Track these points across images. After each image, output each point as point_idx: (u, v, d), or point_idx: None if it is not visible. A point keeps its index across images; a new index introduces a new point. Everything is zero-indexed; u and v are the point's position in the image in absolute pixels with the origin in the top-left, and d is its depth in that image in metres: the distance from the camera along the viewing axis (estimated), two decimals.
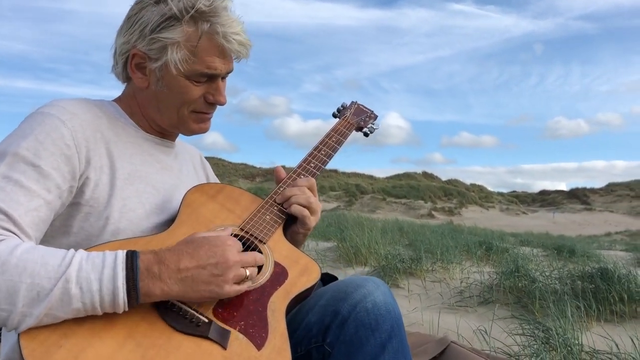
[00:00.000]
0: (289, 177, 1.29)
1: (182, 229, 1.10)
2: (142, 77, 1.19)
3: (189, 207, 1.16)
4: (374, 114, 1.50)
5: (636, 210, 57.66)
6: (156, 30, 1.13)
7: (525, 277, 4.03)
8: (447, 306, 3.86)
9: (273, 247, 1.16)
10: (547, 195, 73.15)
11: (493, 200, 61.29)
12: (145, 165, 1.20)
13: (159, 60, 1.15)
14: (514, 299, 3.78)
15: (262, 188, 56.37)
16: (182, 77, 1.16)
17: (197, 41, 1.13)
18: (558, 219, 50.14)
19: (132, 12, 1.17)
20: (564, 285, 3.78)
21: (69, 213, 1.08)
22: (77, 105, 1.13)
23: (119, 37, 1.20)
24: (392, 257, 4.75)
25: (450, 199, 55.62)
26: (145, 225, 1.13)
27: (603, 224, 46.33)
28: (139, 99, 1.23)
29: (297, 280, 1.12)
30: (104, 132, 1.14)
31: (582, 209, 58.42)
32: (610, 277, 3.75)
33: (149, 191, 1.17)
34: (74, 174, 1.06)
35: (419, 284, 4.27)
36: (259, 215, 1.20)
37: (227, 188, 1.26)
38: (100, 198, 1.09)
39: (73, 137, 1.07)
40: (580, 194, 70.56)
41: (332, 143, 1.37)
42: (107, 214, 1.09)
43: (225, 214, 1.19)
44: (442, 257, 4.84)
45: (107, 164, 1.12)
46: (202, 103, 1.21)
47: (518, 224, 41.26)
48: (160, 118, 1.23)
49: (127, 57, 1.18)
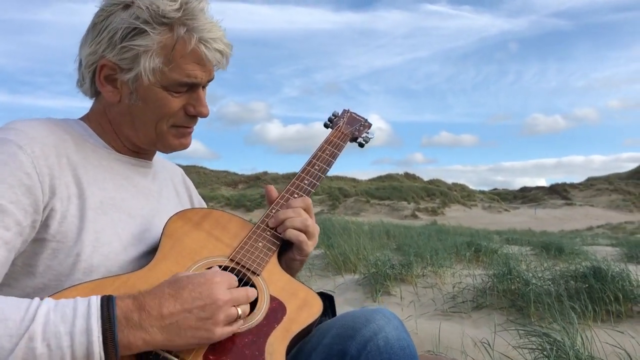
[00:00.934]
0: (281, 197, 1.17)
1: (164, 264, 0.98)
2: (113, 90, 1.06)
3: (171, 238, 1.03)
4: (367, 122, 1.40)
5: (615, 203, 58.52)
6: (127, 37, 1.01)
7: (518, 279, 3.97)
8: (441, 312, 3.78)
9: (268, 279, 1.04)
10: (528, 191, 73.86)
11: (475, 199, 61.67)
12: (120, 191, 1.07)
13: (131, 70, 1.02)
14: (508, 302, 3.72)
15: (245, 195, 56.08)
16: (158, 88, 1.04)
17: (173, 47, 1.01)
18: (540, 214, 50.64)
19: (98, 19, 1.04)
20: (557, 286, 3.72)
21: (33, 250, 0.94)
22: (38, 127, 1.00)
23: (83, 48, 1.07)
24: (382, 263, 4.66)
25: (433, 199, 55.83)
26: (122, 260, 1.00)
27: (584, 218, 46.90)
28: (110, 115, 1.10)
29: (297, 316, 0.99)
30: (71, 157, 1.01)
31: (563, 204, 59.07)
32: (603, 276, 3.71)
33: (124, 220, 1.04)
34: (36, 206, 0.92)
35: (411, 291, 4.19)
36: (250, 242, 1.08)
37: (214, 213, 1.13)
38: (68, 232, 0.95)
39: (34, 165, 0.93)
40: (560, 190, 71.39)
41: (326, 157, 1.26)
42: (78, 249, 0.95)
43: (212, 244, 1.06)
44: (433, 262, 4.76)
45: (75, 193, 0.98)
46: (182, 116, 1.09)
47: (501, 221, 41.57)
48: (135, 135, 1.10)
49: (95, 69, 1.05)
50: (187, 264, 0.99)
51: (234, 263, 1.03)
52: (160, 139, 1.10)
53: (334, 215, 34.19)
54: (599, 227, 35.56)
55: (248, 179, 79.67)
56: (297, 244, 1.12)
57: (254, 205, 48.42)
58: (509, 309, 3.64)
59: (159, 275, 0.92)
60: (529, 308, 3.51)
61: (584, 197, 65.62)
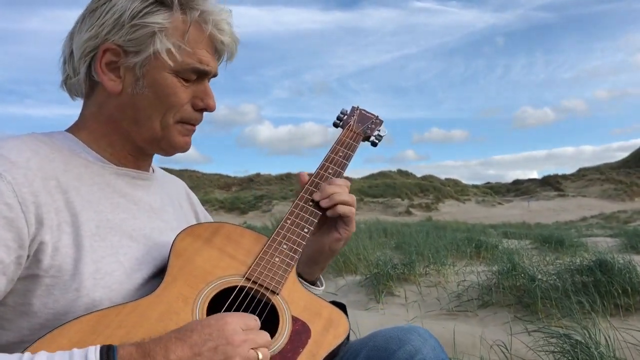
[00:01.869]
0: (295, 205, 1.09)
1: (174, 287, 0.89)
2: (115, 79, 0.95)
3: (180, 257, 0.93)
4: (378, 118, 1.31)
5: (607, 193, 58.76)
6: (138, 16, 0.92)
7: (523, 275, 3.92)
8: (446, 312, 3.71)
9: (288, 298, 0.95)
10: (521, 184, 74.04)
11: (468, 193, 61.77)
12: (118, 211, 0.96)
13: (140, 53, 0.93)
14: (514, 299, 3.65)
15: (239, 197, 55.90)
16: (169, 73, 0.95)
17: (186, 31, 0.94)
18: (533, 207, 50.74)
19: (98, 3, 0.95)
20: (563, 281, 3.66)
21: (25, 288, 0.84)
22: (19, 149, 0.87)
23: (78, 35, 0.95)
24: (383, 263, 4.59)
25: (426, 195, 55.84)
26: (126, 289, 0.89)
27: (577, 209, 47.07)
28: (107, 112, 0.98)
29: (323, 338, 0.90)
30: (60, 178, 0.89)
31: (556, 195, 59.22)
32: (610, 269, 3.65)
33: (125, 244, 0.93)
34: (21, 241, 0.81)
35: (415, 290, 4.12)
36: (266, 258, 0.99)
37: (225, 227, 1.04)
38: (63, 265, 0.84)
39: (15, 194, 0.81)
40: (552, 181, 71.62)
41: (340, 159, 1.17)
42: (77, 284, 0.84)
43: (226, 262, 0.97)
44: (435, 260, 4.70)
45: (67, 220, 0.87)
46: (189, 111, 1.00)
47: (495, 214, 41.66)
48: (137, 131, 0.99)
49: (93, 56, 0.95)
50: (200, 286, 0.90)
51: (250, 282, 0.95)
52: (165, 134, 1.00)
53: None
54: (592, 218, 35.68)
55: (241, 181, 79.34)
56: (348, 217, 1.07)
57: (248, 208, 48.26)
58: (515, 306, 3.58)
59: (170, 300, 0.84)
60: (536, 304, 3.45)
61: (576, 187, 65.86)
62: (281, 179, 77.26)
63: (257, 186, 72.32)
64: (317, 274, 1.17)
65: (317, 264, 1.14)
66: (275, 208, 46.20)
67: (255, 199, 52.90)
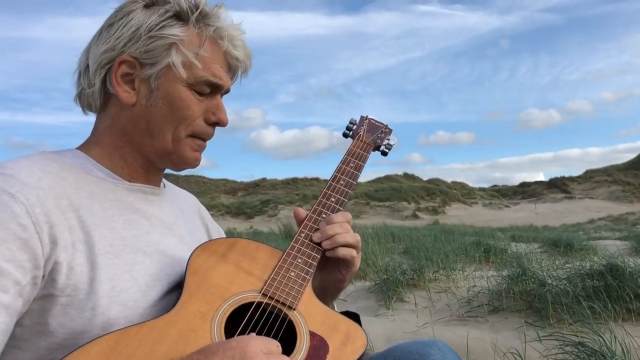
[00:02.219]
0: (308, 218, 1.09)
1: (192, 305, 0.88)
2: (130, 91, 0.97)
3: (196, 274, 0.93)
4: (388, 127, 1.30)
5: (615, 195, 58.51)
6: (155, 29, 0.94)
7: (533, 279, 3.90)
8: (457, 317, 3.70)
9: (305, 313, 0.95)
10: (528, 186, 73.83)
11: (475, 196, 61.65)
12: (131, 227, 0.96)
13: (156, 64, 0.95)
14: (524, 304, 3.64)
15: (245, 202, 56.00)
16: (183, 85, 0.96)
17: (201, 45, 0.96)
18: (540, 209, 50.59)
19: (115, 18, 0.97)
20: (574, 286, 3.64)
21: (41, 308, 0.83)
22: (30, 169, 0.88)
23: (95, 48, 0.97)
24: (392, 269, 4.58)
25: (433, 199, 55.76)
26: (142, 307, 0.89)
27: (585, 211, 46.85)
28: (120, 124, 1.00)
29: (341, 352, 0.90)
30: (72, 197, 0.89)
31: (563, 197, 59.03)
32: (621, 274, 3.64)
33: (139, 260, 0.93)
34: (36, 261, 0.81)
35: (424, 296, 4.11)
36: (282, 273, 0.99)
37: (240, 243, 1.03)
38: (79, 284, 0.84)
39: (29, 214, 0.82)
40: (559, 183, 71.36)
41: (351, 170, 1.17)
42: (92, 303, 0.84)
43: (242, 277, 0.96)
44: (444, 265, 4.69)
45: (80, 238, 0.87)
46: (202, 125, 1.01)
47: (502, 217, 41.52)
48: (149, 143, 1.00)
49: (109, 68, 0.96)
50: (217, 303, 0.90)
51: (267, 298, 0.94)
52: (175, 148, 1.00)
53: None
54: (600, 220, 35.50)
55: (247, 186, 79.56)
56: (349, 261, 1.05)
57: (254, 213, 48.35)
58: (526, 311, 3.57)
59: (188, 318, 0.84)
60: (547, 310, 3.43)
61: (583, 189, 65.59)
62: (287, 184, 77.41)
63: (263, 191, 72.44)
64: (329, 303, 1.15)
65: (325, 296, 1.12)
66: (282, 213, 46.27)
67: (261, 204, 53.01)
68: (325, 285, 1.10)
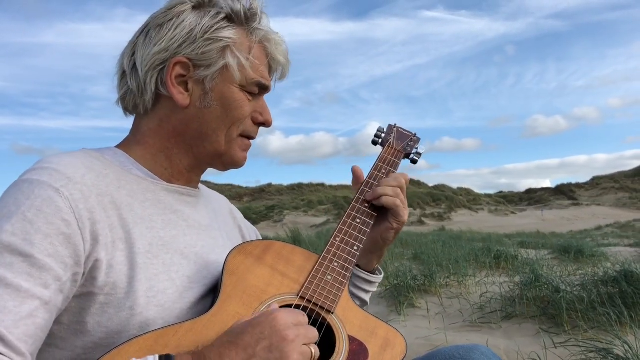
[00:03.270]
0: (343, 222, 1.08)
1: (230, 306, 0.87)
2: (184, 92, 0.96)
3: (233, 276, 0.92)
4: (416, 136, 1.31)
5: (622, 201, 58.25)
6: (210, 31, 0.94)
7: (546, 286, 3.87)
8: (470, 324, 3.67)
9: (343, 317, 0.94)
10: (534, 193, 73.54)
11: (481, 203, 61.47)
12: (169, 228, 0.95)
13: (211, 66, 0.95)
14: (538, 311, 3.60)
15: (250, 207, 56.03)
16: (237, 87, 0.97)
17: (252, 47, 0.98)
18: (547, 216, 50.38)
19: (165, 19, 0.96)
20: (588, 292, 3.60)
21: (80, 306, 0.83)
22: (74, 165, 0.87)
23: (143, 49, 0.96)
24: (403, 274, 4.55)
25: (438, 205, 55.63)
26: (179, 308, 0.88)
27: (592, 217, 46.63)
28: (171, 126, 0.99)
29: (381, 358, 0.89)
30: (114, 195, 0.89)
31: (570, 204, 58.78)
32: (636, 280, 3.60)
33: (177, 261, 0.92)
34: (77, 257, 0.80)
35: (436, 302, 4.08)
36: (319, 276, 0.98)
37: (275, 245, 1.02)
38: (118, 283, 0.83)
39: (72, 210, 0.81)
40: (566, 190, 71.09)
41: (383, 176, 1.17)
42: (131, 302, 0.83)
43: (278, 280, 0.95)
44: (456, 271, 4.66)
45: (121, 237, 0.86)
46: (250, 124, 1.03)
47: (508, 224, 41.37)
48: (201, 145, 1.00)
49: (163, 69, 0.95)
50: (254, 305, 0.89)
51: (305, 301, 0.93)
52: (228, 148, 1.01)
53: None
54: (607, 226, 35.24)
55: (253, 191, 79.63)
56: (394, 209, 1.09)
57: (260, 218, 48.33)
58: (540, 318, 3.53)
59: (226, 319, 0.82)
60: (561, 316, 3.40)
61: (590, 196, 65.31)
62: (292, 189, 77.44)
63: (268, 196, 72.51)
64: (375, 263, 1.20)
65: (373, 253, 1.16)
66: (287, 218, 46.27)
67: (266, 209, 53.04)
68: (374, 237, 1.12)
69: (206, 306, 0.92)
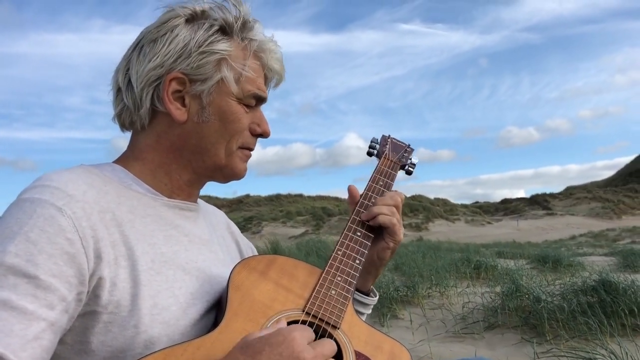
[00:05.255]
0: (344, 236, 1.07)
1: (237, 323, 0.86)
2: (181, 107, 0.95)
3: (238, 291, 0.91)
4: (410, 147, 1.30)
5: (595, 211, 59.23)
6: (205, 44, 0.93)
7: (527, 296, 3.91)
8: (452, 334, 3.69)
9: (349, 332, 0.93)
10: (509, 203, 74.37)
11: (458, 213, 61.92)
12: (171, 243, 0.93)
13: (207, 80, 0.94)
14: (520, 320, 3.64)
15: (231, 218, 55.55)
16: (234, 100, 0.96)
17: (246, 59, 0.97)
18: (522, 225, 50.95)
19: (159, 34, 0.94)
20: (569, 302, 3.65)
21: (83, 325, 0.81)
22: (75, 182, 0.85)
23: (138, 66, 0.94)
24: (385, 285, 4.57)
25: (416, 215, 55.90)
26: (183, 325, 0.86)
27: (566, 227, 47.32)
28: (168, 141, 0.97)
29: None
30: (115, 211, 0.87)
31: (544, 214, 59.56)
32: (614, 289, 3.66)
33: (180, 278, 0.90)
34: (81, 276, 0.79)
35: (419, 313, 4.10)
36: (323, 291, 0.97)
37: (278, 260, 1.01)
38: (121, 301, 0.81)
39: (75, 228, 0.79)
40: (540, 200, 72.09)
41: (381, 188, 1.17)
42: (135, 320, 0.81)
43: (283, 295, 0.94)
44: (437, 281, 4.68)
45: (123, 254, 0.84)
46: (248, 135, 1.01)
47: (485, 234, 41.72)
48: (200, 159, 0.98)
49: (158, 85, 0.94)
50: (261, 321, 0.88)
51: (310, 317, 0.92)
52: (228, 161, 1.00)
53: (318, 235, 34.00)
54: (581, 236, 35.81)
55: (230, 202, 79.06)
56: (390, 228, 1.08)
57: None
58: (522, 328, 3.57)
59: (234, 336, 0.81)
60: (543, 326, 3.44)
61: (564, 206, 66.31)
62: (271, 200, 77.10)
63: (246, 207, 72.04)
64: (370, 283, 1.18)
65: (369, 273, 1.15)
66: (266, 229, 46.05)
67: (244, 221, 52.67)
68: (370, 257, 1.11)
69: (209, 322, 0.91)
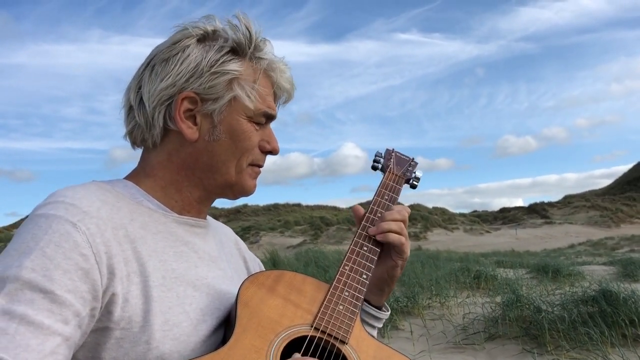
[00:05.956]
0: (351, 251, 1.07)
1: (246, 339, 0.86)
2: (192, 126, 0.97)
3: (247, 307, 0.91)
4: (414, 160, 1.31)
5: (593, 220, 59.26)
6: (216, 65, 0.95)
7: (528, 306, 3.91)
8: (453, 345, 3.68)
9: (357, 347, 0.93)
10: (508, 212, 74.40)
11: (456, 222, 61.89)
12: (181, 260, 0.94)
13: (219, 100, 0.95)
14: (521, 331, 3.64)
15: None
16: (244, 119, 0.97)
17: (256, 78, 0.98)
18: (521, 234, 50.95)
19: (171, 53, 0.96)
20: (569, 312, 3.65)
21: (95, 341, 0.81)
22: (88, 197, 0.87)
23: (149, 85, 0.96)
24: None
25: (414, 224, 55.84)
26: (194, 342, 0.87)
27: (564, 236, 47.31)
28: (179, 160, 0.99)
29: None
30: (127, 228, 0.88)
31: (543, 223, 59.58)
32: (615, 299, 3.66)
33: (190, 294, 0.91)
34: (95, 292, 0.79)
35: (419, 324, 4.09)
36: (331, 306, 0.97)
37: (286, 275, 1.02)
38: (133, 317, 0.82)
39: (90, 244, 0.80)
40: (539, 209, 72.14)
41: (386, 202, 1.17)
42: (147, 336, 0.82)
43: (291, 311, 0.94)
44: (437, 292, 4.68)
45: (135, 270, 0.85)
46: (258, 153, 1.03)
47: (483, 243, 41.69)
48: (211, 177, 1.00)
49: (170, 104, 0.95)
50: (270, 337, 0.88)
51: (319, 332, 0.92)
52: (239, 179, 1.01)
53: (316, 245, 33.95)
54: (580, 245, 35.77)
55: (228, 212, 78.97)
56: (399, 246, 1.08)
57: None
58: (522, 338, 3.56)
59: (243, 352, 0.82)
60: (543, 336, 3.43)
61: (562, 214, 66.30)
62: (268, 210, 77.10)
63: (244, 217, 71.99)
64: (384, 299, 1.19)
65: (382, 290, 1.15)
66: (263, 239, 45.97)
67: (242, 230, 52.58)
68: (381, 275, 1.12)
69: (218, 338, 0.91)
